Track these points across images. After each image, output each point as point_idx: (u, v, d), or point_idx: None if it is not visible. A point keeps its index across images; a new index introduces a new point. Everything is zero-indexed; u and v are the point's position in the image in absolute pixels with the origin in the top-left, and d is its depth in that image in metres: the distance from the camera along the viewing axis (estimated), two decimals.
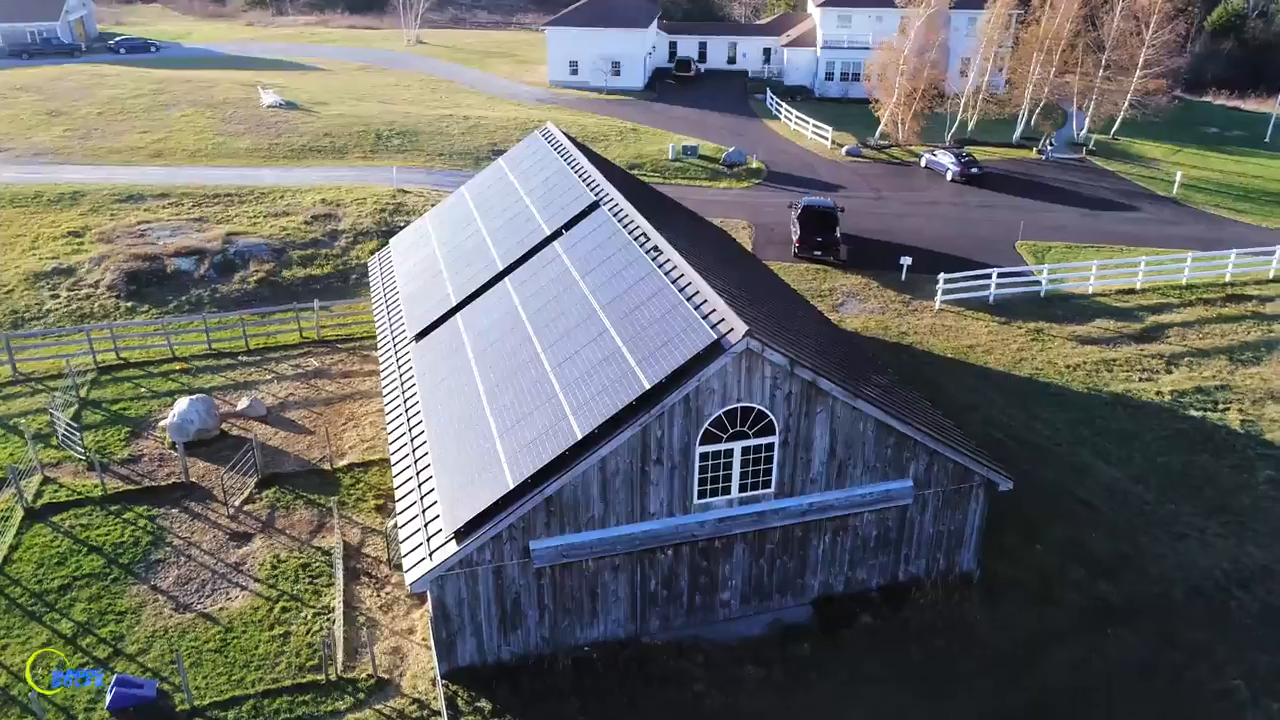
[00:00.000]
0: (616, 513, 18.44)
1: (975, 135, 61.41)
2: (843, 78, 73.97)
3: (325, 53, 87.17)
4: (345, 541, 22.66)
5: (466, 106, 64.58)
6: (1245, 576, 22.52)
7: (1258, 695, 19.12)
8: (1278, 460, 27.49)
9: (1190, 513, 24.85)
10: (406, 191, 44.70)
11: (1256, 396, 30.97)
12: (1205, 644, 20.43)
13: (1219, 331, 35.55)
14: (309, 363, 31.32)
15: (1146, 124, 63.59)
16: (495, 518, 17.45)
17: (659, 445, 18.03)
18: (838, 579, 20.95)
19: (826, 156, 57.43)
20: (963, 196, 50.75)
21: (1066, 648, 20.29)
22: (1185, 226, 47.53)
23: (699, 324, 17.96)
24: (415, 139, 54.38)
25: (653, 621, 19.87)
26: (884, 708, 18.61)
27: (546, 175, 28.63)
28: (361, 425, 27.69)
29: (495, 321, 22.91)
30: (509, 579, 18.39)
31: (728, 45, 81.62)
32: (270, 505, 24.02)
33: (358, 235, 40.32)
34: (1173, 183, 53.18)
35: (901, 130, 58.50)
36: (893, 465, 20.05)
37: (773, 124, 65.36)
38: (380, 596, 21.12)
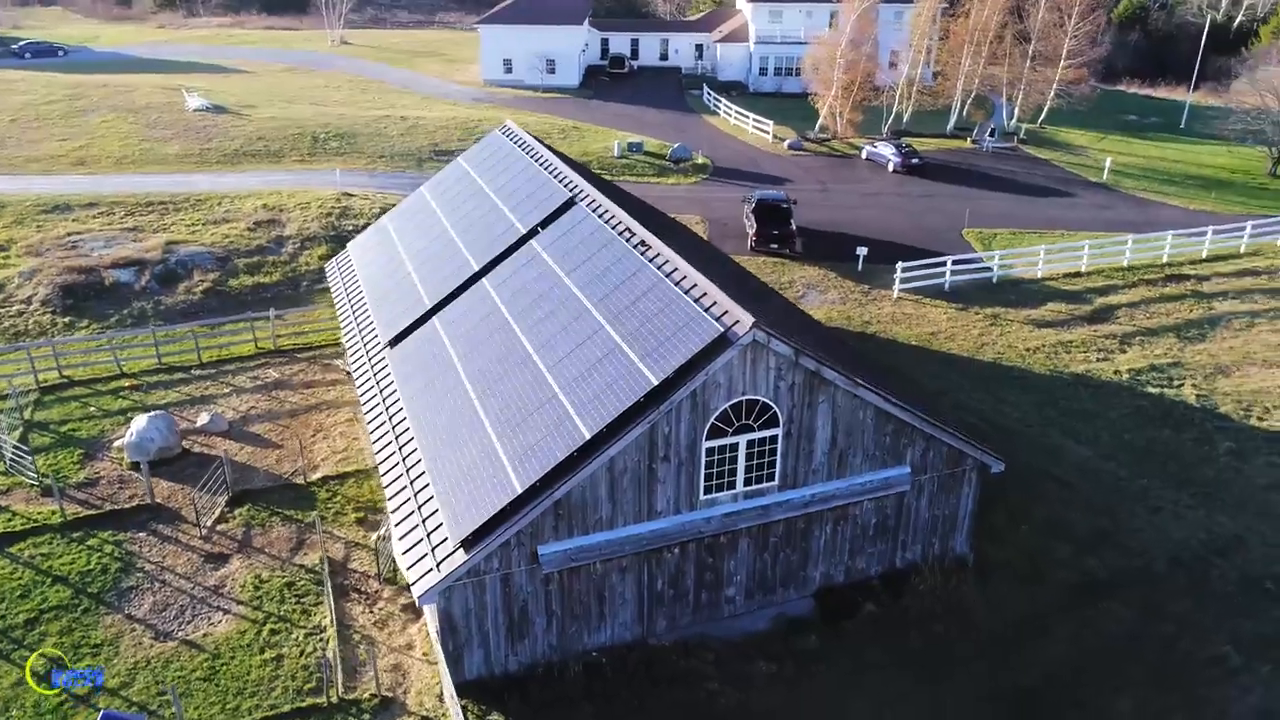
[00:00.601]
0: (624, 513, 18.12)
1: (910, 127, 62.48)
2: (776, 72, 74.58)
3: (245, 54, 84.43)
4: (329, 558, 21.83)
5: (401, 107, 63.19)
6: (1220, 546, 23.25)
7: (1248, 660, 19.74)
8: (1234, 432, 28.51)
9: (1161, 486, 25.59)
10: (351, 195, 43.48)
11: (1207, 372, 32.09)
12: (1191, 613, 21.03)
13: (1164, 310, 36.77)
14: (268, 374, 30.16)
15: (1071, 113, 65.50)
16: (503, 524, 16.97)
17: (666, 442, 17.77)
18: (838, 569, 20.97)
19: (769, 150, 57.78)
20: (905, 187, 51.56)
21: (1060, 625, 20.66)
22: (1118, 211, 49.10)
23: (702, 317, 17.73)
24: (353, 141, 52.98)
25: (659, 622, 19.59)
26: (886, 695, 18.65)
27: (514, 173, 28.07)
28: (331, 436, 26.76)
29: (477, 323, 22.33)
30: (517, 586, 17.92)
31: (660, 42, 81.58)
32: (245, 524, 23.02)
33: (305, 240, 39.05)
34: (1103, 169, 54.93)
35: (840, 123, 59.23)
36: (891, 453, 20.14)
37: (712, 119, 65.52)
38: (373, 613, 20.40)
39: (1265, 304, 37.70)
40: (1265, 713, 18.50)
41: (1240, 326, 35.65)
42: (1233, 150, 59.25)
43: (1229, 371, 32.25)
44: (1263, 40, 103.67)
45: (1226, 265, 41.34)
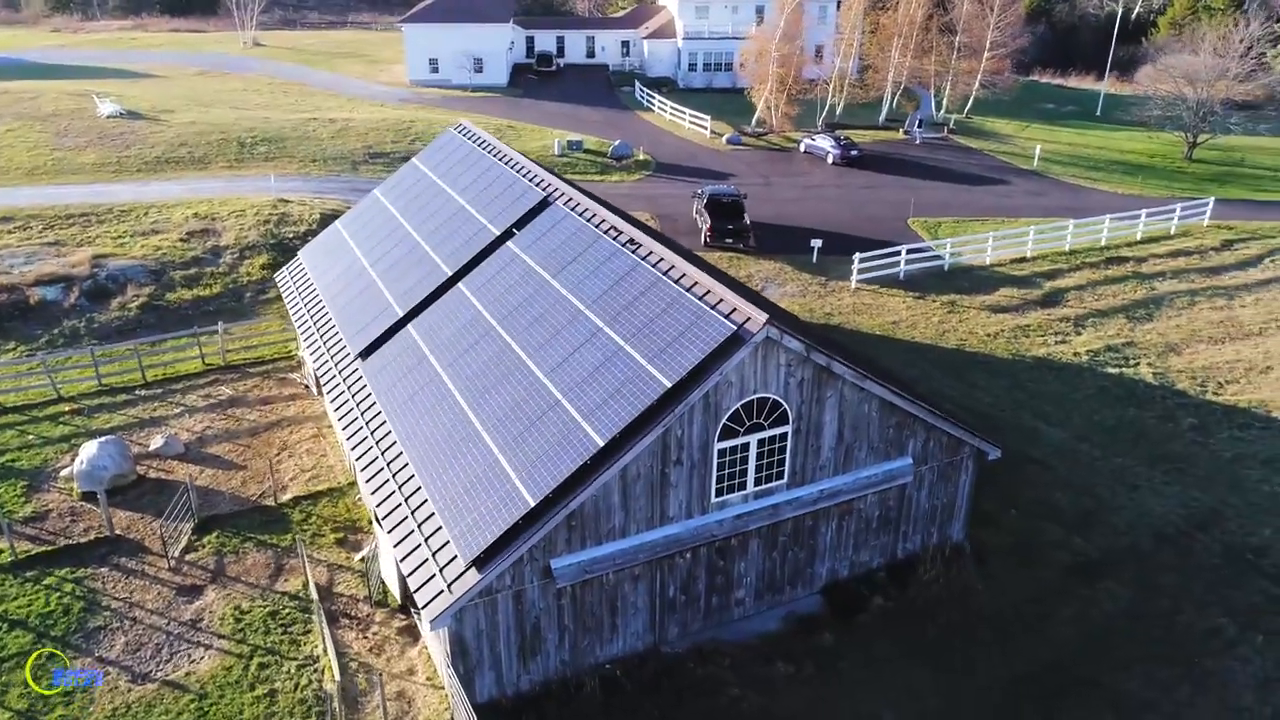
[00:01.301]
0: (637, 520, 17.52)
1: (843, 119, 63.17)
2: (706, 68, 74.61)
3: (153, 58, 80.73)
4: (310, 580, 20.67)
5: (327, 109, 61.13)
6: (1199, 519, 23.80)
7: (1242, 630, 20.16)
8: (1193, 408, 29.33)
9: (1135, 464, 26.12)
10: (288, 201, 41.71)
11: (1159, 350, 33.01)
12: (1183, 587, 21.43)
13: (1110, 292, 37.75)
14: (220, 391, 28.59)
15: (995, 102, 67.19)
16: (517, 540, 16.19)
17: (679, 445, 17.23)
18: (843, 564, 20.74)
19: (708, 145, 57.67)
20: (846, 179, 52.01)
21: (1061, 606, 20.81)
22: (1051, 197, 50.38)
23: (710, 315, 17.23)
24: (282, 145, 50.94)
25: (671, 629, 19.05)
26: (909, 689, 18.48)
27: (478, 173, 27.15)
28: (298, 454, 25.46)
29: (459, 330, 21.43)
30: (529, 603, 17.16)
31: (586, 39, 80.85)
32: (216, 552, 21.66)
33: (244, 250, 37.27)
34: (1033, 156, 56.36)
35: (776, 117, 59.48)
36: (894, 444, 19.98)
37: (647, 115, 65.14)
38: (367, 638, 19.35)
39: (1202, 283, 39.04)
40: (1266, 681, 18.89)
41: (1183, 305, 36.82)
42: (1153, 136, 61.47)
43: (1179, 349, 33.24)
44: (1161, 30, 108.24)
45: (1160, 247, 42.73)
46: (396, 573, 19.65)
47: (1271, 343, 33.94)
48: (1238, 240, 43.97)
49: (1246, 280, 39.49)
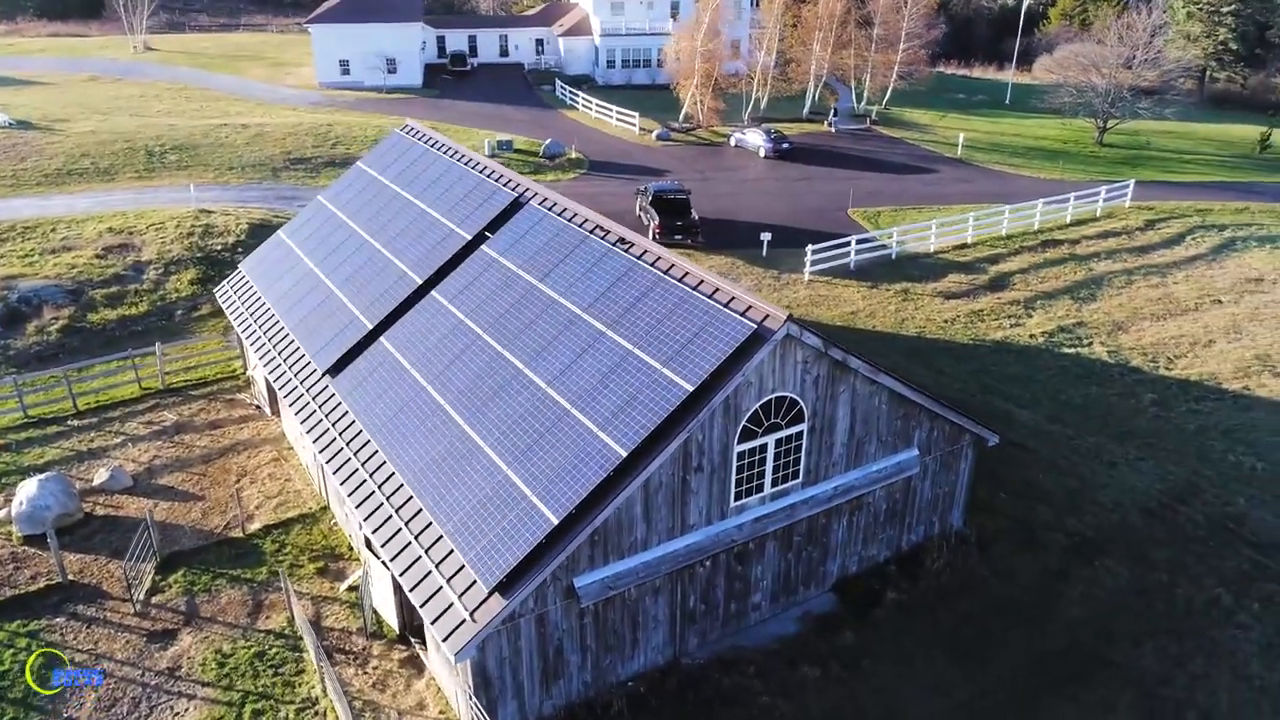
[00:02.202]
0: (658, 531, 16.75)
1: (768, 113, 63.38)
2: (624, 65, 73.99)
3: (36, 64, 75.72)
4: (296, 615, 19.22)
5: (236, 115, 58.23)
6: (1178, 492, 24.30)
7: (1238, 598, 20.58)
8: (1150, 384, 30.11)
9: (1107, 442, 26.57)
10: (210, 211, 39.33)
11: (1108, 329, 33.85)
12: (1175, 560, 21.77)
13: (1052, 275, 38.61)
14: (163, 417, 26.60)
15: (912, 93, 68.48)
16: (541, 561, 15.25)
17: (700, 450, 16.54)
18: (853, 560, 20.38)
19: (638, 142, 57.05)
20: (780, 172, 52.09)
21: (1066, 586, 20.89)
22: (978, 183, 51.46)
23: (726, 314, 16.57)
24: (194, 153, 48.18)
25: (691, 640, 18.34)
26: (936, 682, 18.19)
27: (436, 175, 25.89)
28: (259, 480, 23.81)
29: (440, 341, 20.25)
30: (552, 625, 16.21)
31: (499, 38, 79.27)
32: (185, 591, 19.99)
33: (169, 265, 34.93)
34: (956, 145, 57.53)
35: (703, 112, 59.27)
36: (901, 436, 19.70)
37: (571, 114, 64.13)
38: (368, 673, 18.07)
39: (1134, 262, 40.30)
40: (1268, 646, 19.28)
41: (1121, 285, 37.89)
42: (1066, 123, 63.50)
43: (1126, 327, 34.15)
44: (1053, 21, 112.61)
45: (1089, 229, 44.01)
46: (395, 601, 18.43)
47: (1208, 317, 35.20)
48: (1159, 220, 45.63)
49: (1174, 258, 40.94)
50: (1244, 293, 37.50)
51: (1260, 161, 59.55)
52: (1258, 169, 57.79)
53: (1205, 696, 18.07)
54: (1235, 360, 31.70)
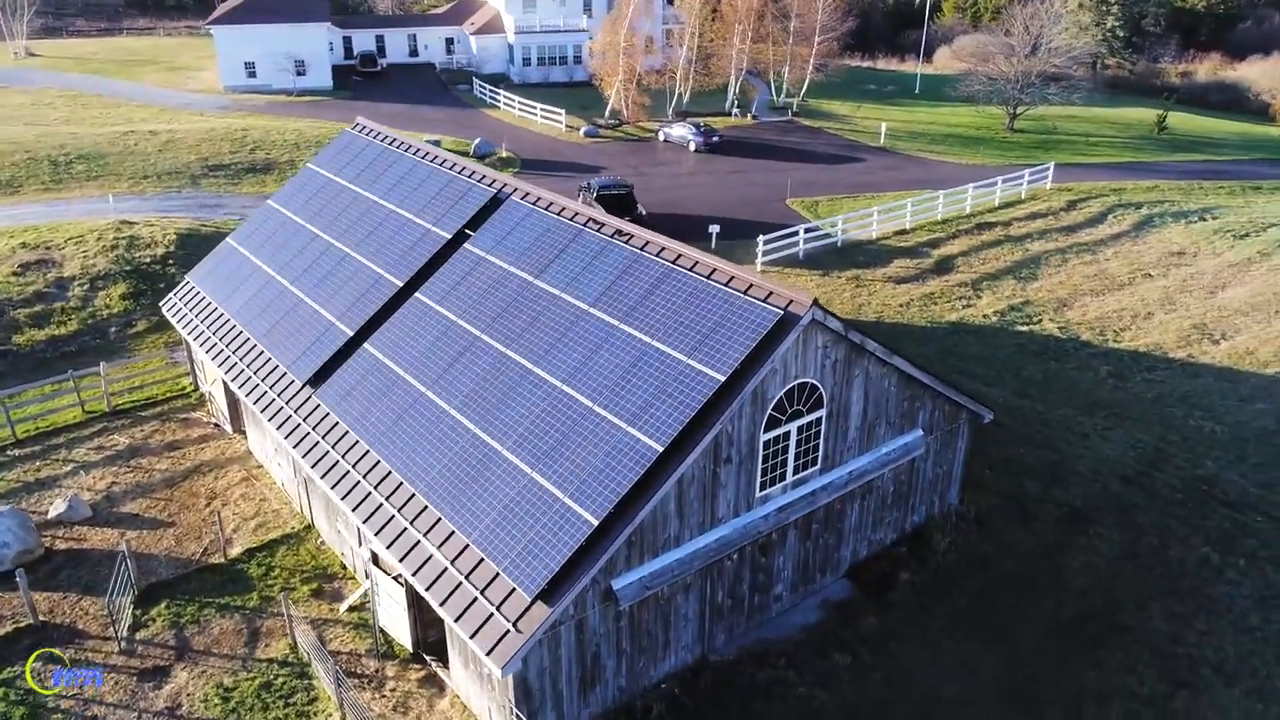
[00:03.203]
0: (690, 526, 16.37)
1: (691, 108, 63.49)
2: (540, 62, 73.11)
3: None
4: (299, 641, 18.15)
5: (142, 121, 55.20)
6: (1149, 459, 25.17)
7: (1224, 556, 21.38)
8: (1104, 356, 31.17)
9: (1075, 414, 27.36)
10: (132, 222, 37.05)
11: (1054, 306, 34.94)
12: (1161, 523, 22.49)
13: (991, 256, 39.68)
14: (114, 441, 24.86)
15: (827, 85, 69.60)
16: (582, 565, 14.69)
17: (729, 441, 16.22)
18: (863, 544, 20.38)
19: (566, 139, 56.38)
20: (712, 165, 52.18)
21: (1067, 556, 21.34)
22: (906, 171, 52.60)
23: (747, 302, 16.29)
24: (103, 163, 45.40)
25: (718, 636, 18.01)
26: (964, 663, 18.19)
27: (400, 174, 24.89)
28: (232, 502, 22.45)
29: (433, 344, 19.41)
30: (590, 631, 15.66)
31: (408, 37, 77.33)
32: (172, 624, 18.65)
33: (96, 280, 32.74)
34: (879, 134, 58.69)
35: (628, 108, 58.99)
36: (907, 417, 19.79)
37: (493, 112, 62.98)
38: (386, 696, 17.16)
39: (1066, 241, 41.75)
40: (1261, 600, 20.07)
41: (1058, 263, 39.19)
42: (980, 110, 65.48)
43: (1070, 304, 35.31)
44: (946, 14, 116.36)
45: (1018, 210, 45.42)
46: (409, 618, 17.56)
47: (1142, 290, 36.69)
48: (1079, 200, 47.41)
49: (1100, 236, 42.57)
50: (1170, 266, 39.24)
51: (1159, 142, 62.61)
52: (1158, 149, 60.73)
53: (1214, 651, 18.67)
54: (1176, 330, 33.11)
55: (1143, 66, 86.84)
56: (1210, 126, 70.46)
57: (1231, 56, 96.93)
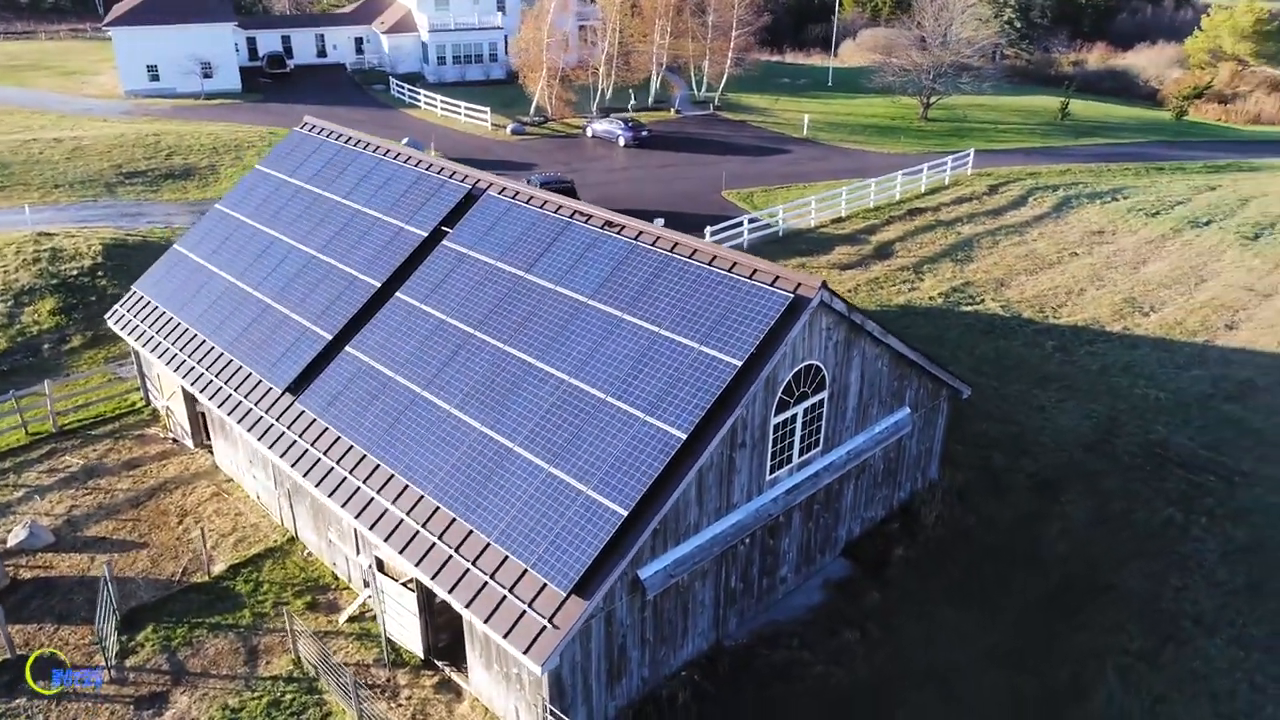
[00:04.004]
0: (708, 512, 16.45)
1: (614, 103, 63.52)
2: (456, 61, 72.02)
3: None
4: (303, 656, 17.55)
5: (40, 129, 52.24)
6: (1105, 428, 26.34)
7: (1187, 515, 22.57)
8: (1047, 332, 32.46)
9: (1029, 388, 28.43)
10: (50, 234, 35.06)
11: (994, 286, 36.21)
12: (1125, 488, 23.57)
13: (927, 240, 40.87)
14: (67, 462, 23.53)
15: (745, 79, 70.46)
16: (614, 555, 14.61)
17: (744, 426, 16.35)
18: (857, 523, 20.80)
19: (493, 138, 55.73)
20: (643, 159, 52.34)
21: (1044, 524, 22.18)
22: (833, 161, 53.72)
23: (755, 287, 16.44)
24: (8, 173, 42.79)
25: (730, 621, 18.14)
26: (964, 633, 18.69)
27: (362, 172, 24.24)
28: (206, 518, 21.51)
29: (423, 343, 18.98)
30: (618, 623, 15.58)
31: (315, 37, 75.20)
32: (162, 648, 17.78)
33: (20, 296, 30.86)
34: (802, 126, 59.78)
35: (553, 104, 58.68)
36: (896, 396, 20.28)
37: (415, 112, 61.77)
38: (402, 705, 16.72)
39: (994, 224, 43.31)
40: (1225, 554, 21.24)
41: (989, 245, 40.62)
42: (895, 100, 67.29)
43: (1007, 284, 36.66)
44: (846, 9, 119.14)
45: (944, 196, 46.92)
46: (420, 623, 17.16)
47: (1072, 268, 38.34)
48: (1000, 184, 49.25)
49: (1024, 218, 44.30)
50: (1093, 245, 41.12)
51: (1064, 128, 65.51)
52: (1063, 134, 63.53)
53: (1191, 605, 19.70)
54: (1109, 305, 34.72)
55: (1038, 56, 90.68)
56: (1107, 112, 74.06)
57: (1116, 46, 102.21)
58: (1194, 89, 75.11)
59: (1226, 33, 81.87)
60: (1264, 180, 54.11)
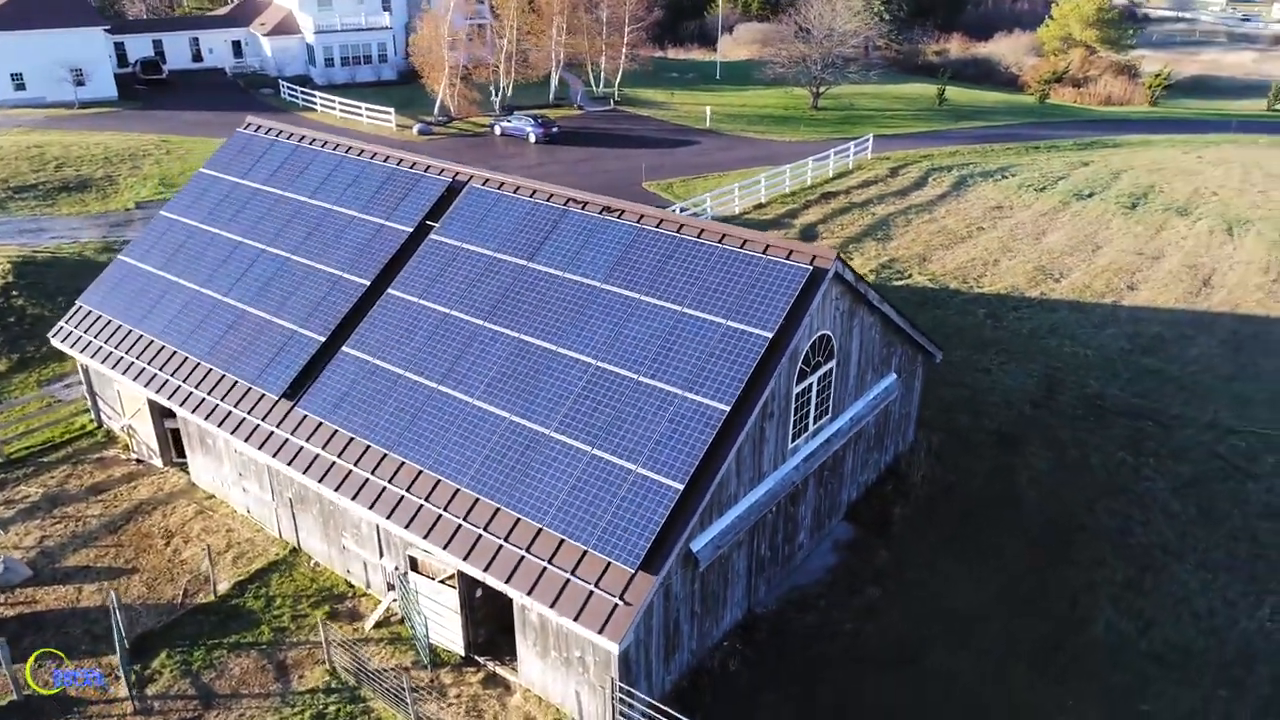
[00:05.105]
0: (744, 483, 16.94)
1: (515, 101, 63.16)
2: (344, 62, 70.02)
3: None
4: (336, 665, 17.14)
5: None
6: (1046, 385, 28.21)
7: (1136, 457, 24.50)
8: (974, 300, 34.39)
9: (971, 354, 30.10)
10: None
11: (917, 261, 38.05)
12: (1077, 438, 25.37)
13: (847, 221, 42.50)
14: (24, 492, 22.04)
15: (639, 74, 71.26)
16: (675, 529, 14.94)
17: (773, 397, 16.90)
18: (855, 486, 21.69)
19: (400, 138, 54.55)
20: (557, 155, 52.34)
21: (1014, 476, 23.61)
22: (740, 150, 55.05)
23: (772, 262, 17.02)
24: None
25: (760, 589, 18.70)
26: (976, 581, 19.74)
27: (325, 172, 23.64)
28: (195, 537, 20.59)
29: (429, 338, 18.76)
30: (674, 597, 15.90)
31: (189, 41, 71.70)
32: (183, 673, 17.02)
33: None
34: (703, 118, 60.92)
35: (456, 103, 57.95)
36: (885, 362, 21.25)
37: (312, 115, 59.69)
38: (453, 703, 16.55)
39: (902, 204, 45.39)
40: (1175, 490, 23.19)
41: (903, 224, 42.58)
42: (788, 91, 69.32)
43: (929, 258, 38.57)
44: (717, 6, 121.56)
45: (852, 180, 48.83)
46: (461, 619, 17.01)
47: (983, 240, 40.65)
48: (899, 167, 51.61)
49: (928, 197, 46.59)
50: (996, 219, 43.66)
51: (943, 113, 68.99)
52: (944, 119, 66.92)
53: (1157, 536, 21.46)
54: (1023, 273, 37.03)
55: (907, 47, 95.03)
56: (978, 97, 78.36)
57: (970, 36, 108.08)
58: (1053, 74, 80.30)
59: (1074, 20, 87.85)
60: (1127, 155, 58.58)
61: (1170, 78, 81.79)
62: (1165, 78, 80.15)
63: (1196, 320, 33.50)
